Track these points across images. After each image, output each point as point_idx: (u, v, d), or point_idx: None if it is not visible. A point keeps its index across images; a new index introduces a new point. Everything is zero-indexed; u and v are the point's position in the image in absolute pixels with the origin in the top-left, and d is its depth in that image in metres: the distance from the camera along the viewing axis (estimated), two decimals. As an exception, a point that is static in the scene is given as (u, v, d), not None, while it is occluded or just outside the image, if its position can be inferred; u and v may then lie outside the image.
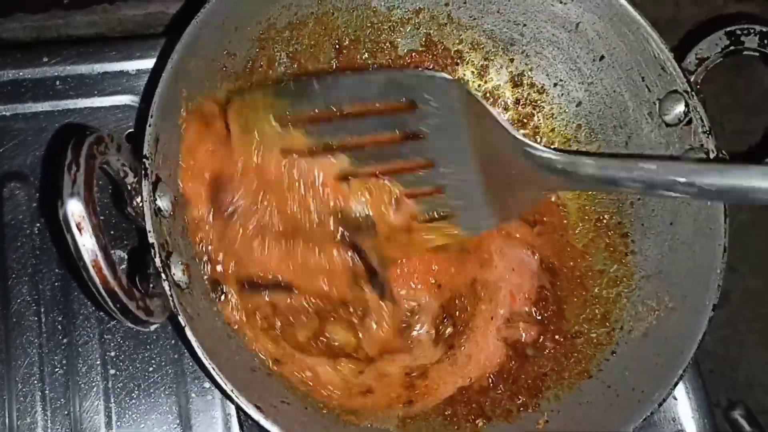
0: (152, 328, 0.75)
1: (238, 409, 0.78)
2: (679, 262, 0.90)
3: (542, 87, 1.06)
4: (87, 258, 0.66)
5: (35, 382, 0.93)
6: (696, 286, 0.88)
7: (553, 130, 1.05)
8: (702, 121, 0.88)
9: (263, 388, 0.84)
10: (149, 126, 0.80)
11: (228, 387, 0.77)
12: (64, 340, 0.96)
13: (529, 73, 1.05)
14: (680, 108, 0.88)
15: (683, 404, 1.04)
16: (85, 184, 0.68)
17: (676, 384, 0.84)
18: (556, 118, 1.06)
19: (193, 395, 0.96)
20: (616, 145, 0.99)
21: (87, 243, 0.66)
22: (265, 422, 0.77)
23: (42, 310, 0.96)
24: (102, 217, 0.97)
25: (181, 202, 0.85)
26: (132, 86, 1.05)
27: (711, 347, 1.26)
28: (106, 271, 0.67)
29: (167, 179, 0.83)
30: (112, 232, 0.99)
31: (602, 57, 0.98)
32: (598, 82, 1.01)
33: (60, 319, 0.97)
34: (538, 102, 1.07)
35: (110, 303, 0.68)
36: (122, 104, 1.05)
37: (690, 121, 0.88)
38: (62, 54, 1.04)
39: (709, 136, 0.90)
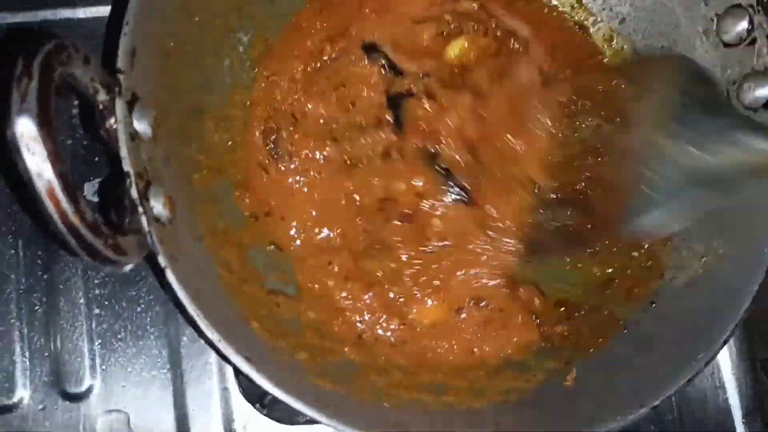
0: (126, 268, 0.65)
1: (226, 360, 0.68)
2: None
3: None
4: (40, 187, 0.54)
5: (12, 321, 0.84)
6: (752, 231, 0.75)
7: (590, 52, 0.93)
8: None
9: (254, 337, 0.74)
10: (124, 35, 0.68)
11: (213, 335, 0.67)
12: (45, 276, 0.86)
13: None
14: (743, 25, 0.75)
15: (723, 358, 0.94)
16: (39, 100, 0.55)
17: (724, 342, 0.72)
18: (595, 37, 0.93)
19: (185, 338, 0.86)
20: None
21: (40, 168, 0.54)
22: (255, 375, 0.68)
23: (20, 243, 0.86)
24: (70, 142, 0.87)
25: (162, 123, 0.73)
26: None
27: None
28: (64, 204, 0.55)
29: (147, 97, 0.70)
30: (83, 161, 0.87)
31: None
32: (643, -9, 0.88)
33: (40, 253, 0.87)
34: (576, 18, 0.93)
35: (71, 241, 0.56)
36: (103, 15, 0.90)
37: (753, 41, 0.74)
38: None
39: (776, 59, 0.78)
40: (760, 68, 0.75)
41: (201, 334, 0.68)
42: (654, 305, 0.80)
